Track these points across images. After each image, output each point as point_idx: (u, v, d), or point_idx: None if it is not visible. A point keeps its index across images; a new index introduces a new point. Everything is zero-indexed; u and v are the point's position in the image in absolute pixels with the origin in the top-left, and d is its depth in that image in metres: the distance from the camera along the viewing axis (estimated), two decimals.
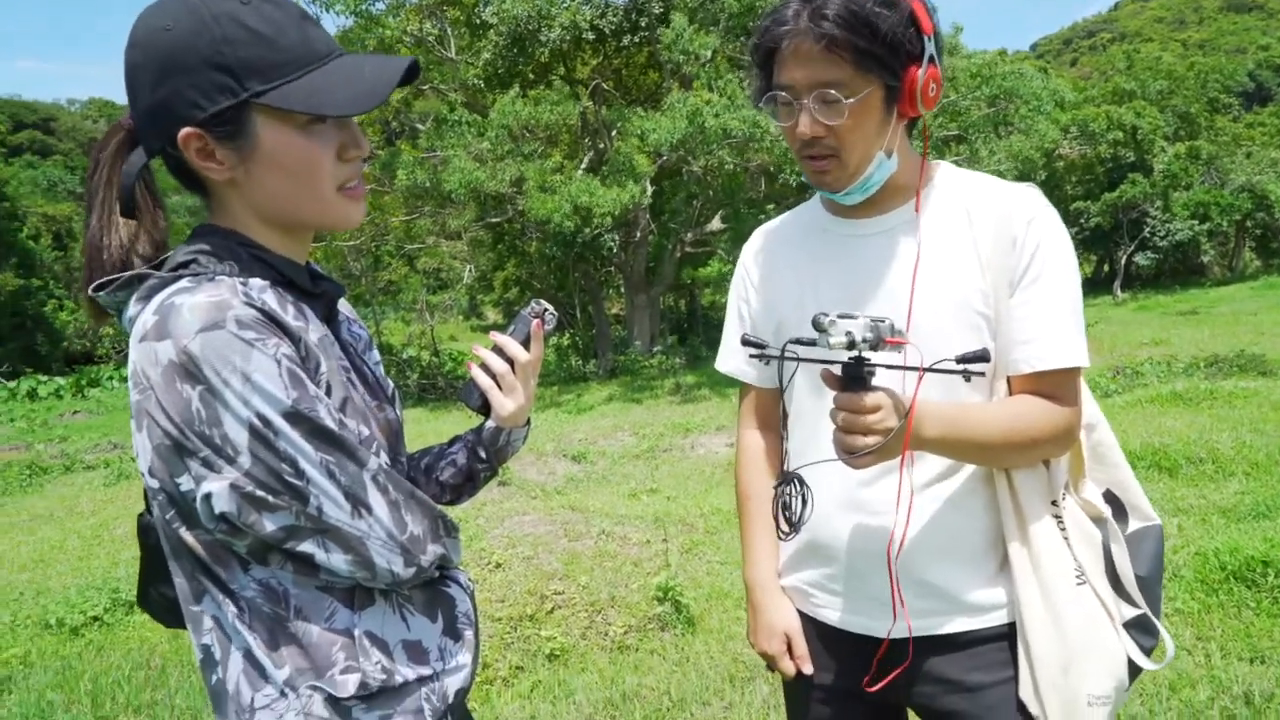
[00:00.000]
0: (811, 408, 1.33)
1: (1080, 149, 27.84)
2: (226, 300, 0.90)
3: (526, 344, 1.19)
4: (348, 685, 0.97)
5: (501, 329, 1.23)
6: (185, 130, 0.94)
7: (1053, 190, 29.70)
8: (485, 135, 13.53)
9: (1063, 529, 1.27)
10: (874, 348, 1.05)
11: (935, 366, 1.08)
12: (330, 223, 1.04)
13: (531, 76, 16.17)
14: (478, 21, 14.86)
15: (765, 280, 1.44)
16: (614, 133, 15.17)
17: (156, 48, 0.92)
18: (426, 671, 1.04)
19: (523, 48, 14.46)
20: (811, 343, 1.07)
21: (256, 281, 0.98)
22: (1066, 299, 1.25)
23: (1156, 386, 8.53)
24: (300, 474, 0.90)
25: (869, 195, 1.30)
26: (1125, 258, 27.77)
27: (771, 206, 15.47)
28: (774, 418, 1.48)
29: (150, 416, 0.89)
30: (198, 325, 0.87)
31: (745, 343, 1.19)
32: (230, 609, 0.97)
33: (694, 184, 15.79)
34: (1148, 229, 27.31)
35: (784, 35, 1.20)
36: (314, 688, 0.97)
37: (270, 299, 0.97)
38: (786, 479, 1.20)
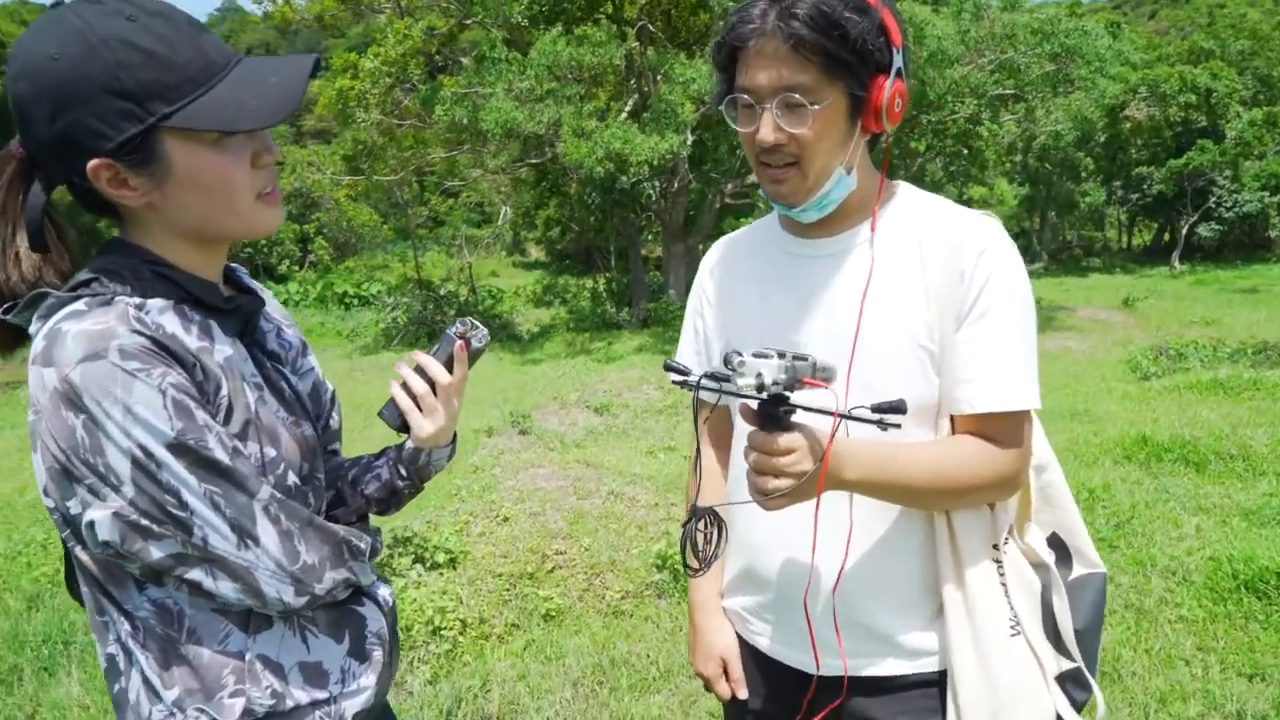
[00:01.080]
0: (742, 437, 1.29)
1: (1149, 110, 26.64)
2: (112, 328, 0.88)
3: (450, 365, 1.15)
4: (234, 710, 0.97)
5: (437, 342, 1.19)
6: (94, 162, 0.91)
7: (1115, 154, 28.65)
8: (525, 74, 13.32)
9: (1001, 575, 1.22)
10: (789, 388, 0.99)
11: (850, 414, 1.02)
12: (250, 233, 1.02)
13: (578, 14, 15.82)
14: None
15: (720, 295, 1.40)
16: (659, 77, 14.86)
17: (47, 79, 0.89)
18: (322, 695, 1.03)
19: None
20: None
21: (156, 302, 0.96)
22: (1015, 337, 1.18)
23: (1198, 372, 8.27)
24: (184, 505, 0.89)
25: (825, 214, 1.23)
26: (1187, 228, 26.75)
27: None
28: (727, 437, 1.44)
29: (42, 439, 0.89)
30: (80, 354, 0.86)
31: (667, 368, 1.14)
32: (125, 627, 0.98)
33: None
34: (1213, 199, 26.17)
35: (750, 35, 1.13)
36: (200, 710, 0.97)
37: (170, 320, 0.95)
38: (697, 514, 1.16)
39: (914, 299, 1.20)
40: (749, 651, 1.39)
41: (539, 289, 24.57)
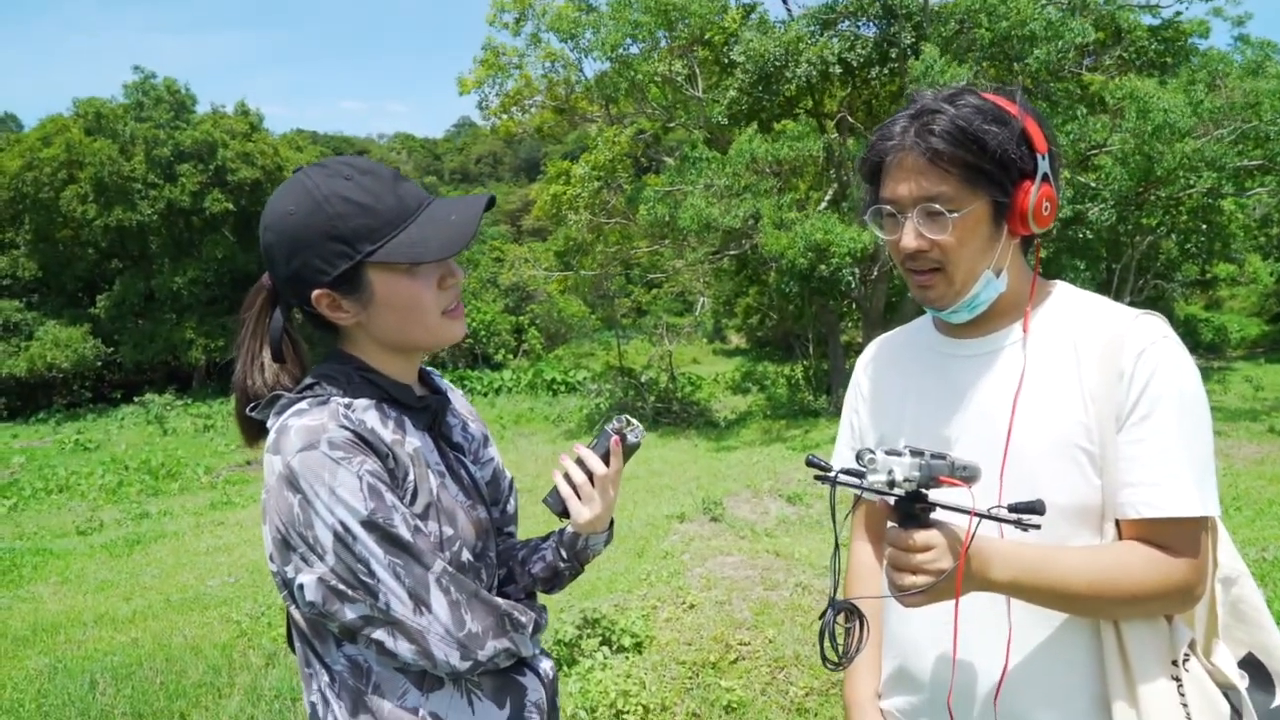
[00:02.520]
0: None
1: None
2: (324, 424, 1.08)
3: (607, 458, 1.26)
4: None
5: (596, 436, 1.30)
6: (317, 292, 1.14)
7: None
8: (724, 171, 13.80)
9: (1183, 695, 1.13)
10: (924, 486, 1.01)
11: (988, 513, 1.02)
12: (438, 344, 1.21)
13: (777, 111, 16.28)
14: (725, 60, 15.23)
15: (873, 393, 1.43)
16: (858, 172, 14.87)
17: (284, 230, 1.12)
18: None
19: (768, 85, 14.63)
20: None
21: (362, 401, 1.15)
22: (1183, 439, 1.13)
23: None
24: (372, 574, 1.05)
25: (976, 315, 1.25)
26: None
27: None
28: (882, 530, 1.44)
29: (269, 514, 1.09)
30: (299, 445, 1.06)
31: (809, 463, 1.19)
32: (324, 678, 1.14)
33: None
34: None
35: (890, 150, 1.21)
36: None
37: (371, 416, 1.15)
38: (836, 607, 1.17)
39: (1069, 399, 1.18)
40: None
41: (738, 376, 24.77)
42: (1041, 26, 12.83)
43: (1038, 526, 1.00)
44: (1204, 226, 18.32)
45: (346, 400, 1.14)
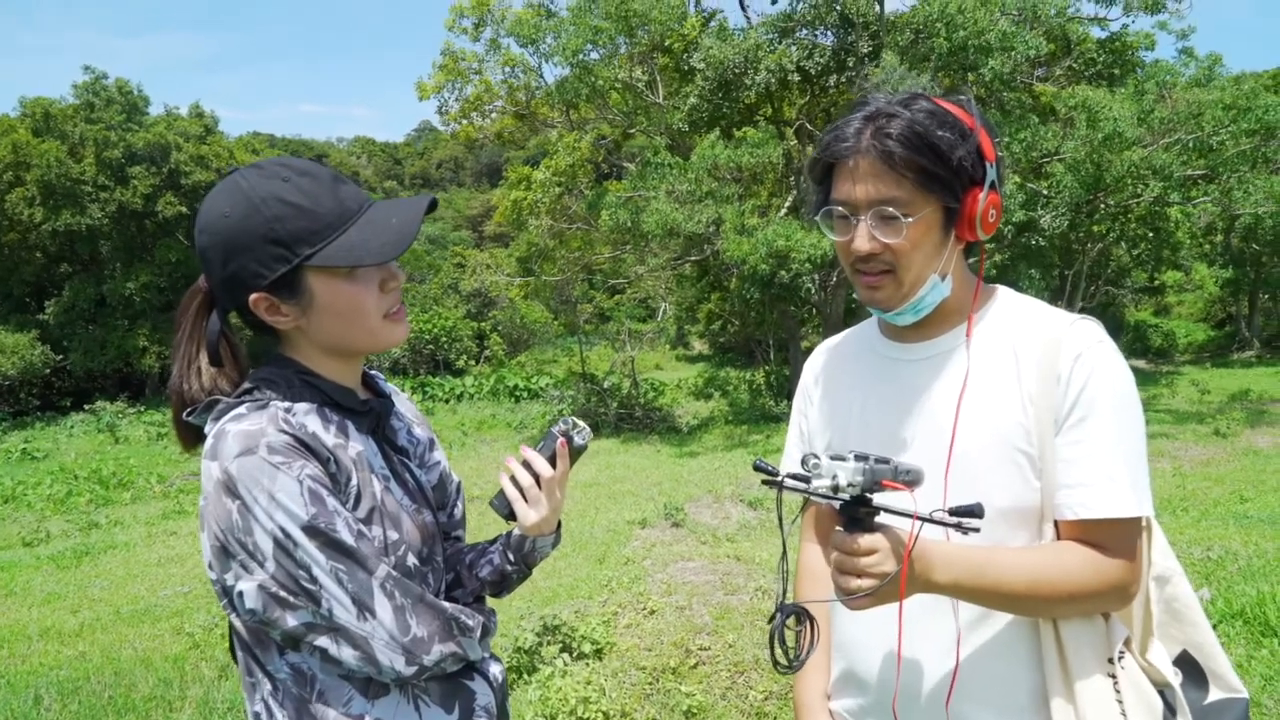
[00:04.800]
0: None
1: None
2: (263, 429, 1.06)
3: (553, 460, 1.26)
4: None
5: (542, 438, 1.30)
6: (255, 296, 1.12)
7: None
8: (686, 177, 13.87)
9: (1118, 691, 1.16)
10: (868, 490, 1.02)
11: (930, 517, 1.04)
12: (380, 347, 1.19)
13: (737, 118, 16.42)
14: (686, 67, 15.32)
15: (822, 398, 1.44)
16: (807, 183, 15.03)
17: (220, 232, 1.10)
18: None
19: (728, 91, 14.73)
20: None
21: (302, 405, 1.13)
22: (1119, 442, 1.15)
23: None
24: (314, 580, 1.04)
25: (920, 317, 1.27)
26: None
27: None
28: (830, 533, 1.45)
29: (207, 522, 1.07)
30: (237, 450, 1.04)
31: (756, 468, 1.20)
32: (268, 686, 1.12)
33: None
34: None
35: (845, 151, 1.20)
36: None
37: (313, 420, 1.13)
38: (785, 611, 1.18)
39: (1009, 403, 1.20)
40: None
41: (700, 381, 24.85)
42: (996, 37, 13.09)
43: (977, 530, 1.02)
44: (1151, 234, 18.81)
45: (286, 404, 1.12)
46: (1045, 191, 14.49)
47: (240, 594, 1.05)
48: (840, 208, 1.23)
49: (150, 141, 29.18)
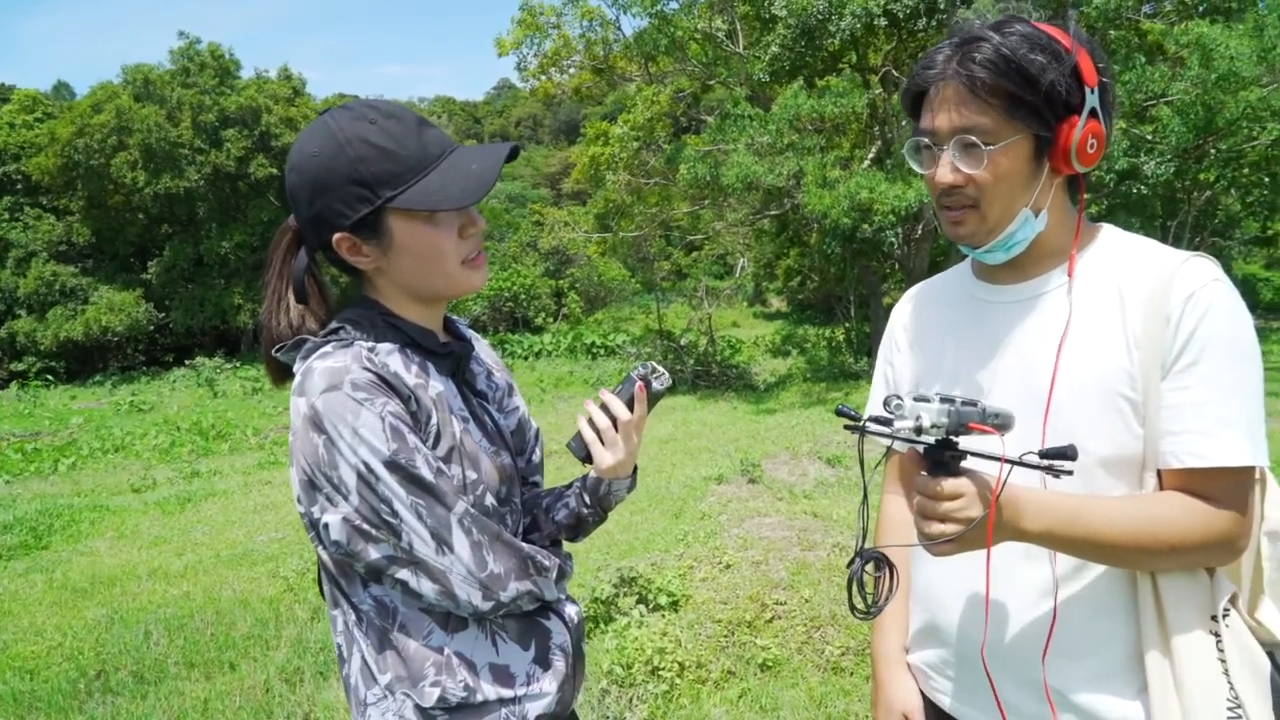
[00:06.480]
0: None
1: None
2: (347, 366, 1.08)
3: (631, 404, 1.24)
4: (432, 697, 1.12)
5: (622, 383, 1.28)
6: (337, 235, 1.13)
7: None
8: (767, 129, 13.56)
9: (1221, 650, 1.09)
10: (953, 433, 0.97)
11: (1020, 460, 0.98)
12: (458, 292, 1.20)
13: (820, 67, 15.92)
14: (767, 15, 14.89)
15: (911, 343, 1.39)
16: (904, 123, 14.53)
17: (308, 171, 1.12)
18: (509, 694, 1.16)
19: (811, 39, 14.27)
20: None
21: (385, 345, 1.15)
22: (1231, 387, 1.07)
23: None
24: (395, 514, 1.06)
25: (1013, 256, 1.20)
26: None
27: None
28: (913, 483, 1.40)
29: (295, 456, 1.10)
30: (323, 386, 1.06)
31: (839, 413, 1.15)
32: (351, 617, 1.16)
33: None
34: None
35: (931, 79, 1.16)
36: (406, 695, 1.13)
37: (395, 360, 1.14)
38: (865, 557, 1.14)
39: (1113, 346, 1.13)
40: (932, 709, 1.34)
41: (778, 339, 24.59)
42: None
43: (1069, 472, 0.96)
44: (1267, 180, 17.62)
45: (370, 344, 1.14)
46: (1149, 137, 13.68)
47: (326, 526, 1.07)
48: (925, 138, 1.18)
49: (242, 105, 30.11)
